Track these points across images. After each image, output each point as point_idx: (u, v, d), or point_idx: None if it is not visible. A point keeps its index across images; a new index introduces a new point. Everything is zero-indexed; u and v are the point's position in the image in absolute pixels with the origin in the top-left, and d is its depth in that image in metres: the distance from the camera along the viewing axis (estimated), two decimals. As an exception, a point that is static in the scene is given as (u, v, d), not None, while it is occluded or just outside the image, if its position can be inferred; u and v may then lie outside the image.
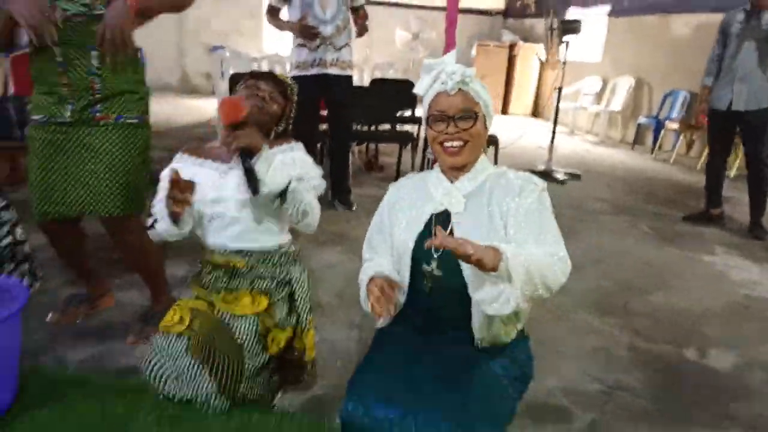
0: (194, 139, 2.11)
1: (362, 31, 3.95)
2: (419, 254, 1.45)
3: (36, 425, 1.51)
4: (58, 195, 2.02)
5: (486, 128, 1.47)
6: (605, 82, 8.45)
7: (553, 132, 5.67)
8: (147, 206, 2.07)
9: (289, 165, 1.68)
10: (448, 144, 1.44)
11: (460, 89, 1.43)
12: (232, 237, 1.73)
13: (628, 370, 2.23)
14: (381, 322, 1.51)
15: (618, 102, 8.02)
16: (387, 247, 1.56)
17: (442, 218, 1.46)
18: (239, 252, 1.73)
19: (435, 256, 1.43)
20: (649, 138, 7.48)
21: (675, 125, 6.78)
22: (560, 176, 5.39)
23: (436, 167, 1.55)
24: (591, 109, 8.41)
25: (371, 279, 1.44)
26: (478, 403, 1.34)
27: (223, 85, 6.46)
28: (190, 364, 1.56)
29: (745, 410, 2.04)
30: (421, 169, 4.89)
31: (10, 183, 3.81)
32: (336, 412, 1.44)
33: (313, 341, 1.83)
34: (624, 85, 8.02)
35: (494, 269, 1.22)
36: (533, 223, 1.38)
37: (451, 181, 1.49)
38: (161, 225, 1.64)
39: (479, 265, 1.20)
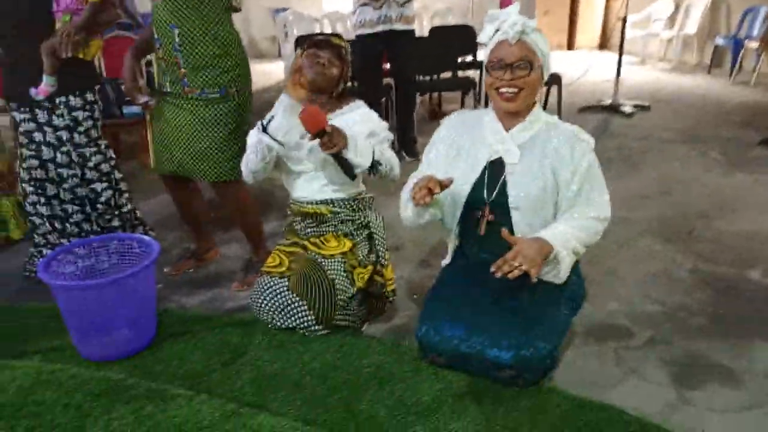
0: (264, 103, 2.35)
1: None
2: (473, 199, 1.65)
3: (174, 353, 1.87)
4: (166, 155, 2.36)
5: (542, 78, 1.61)
6: (677, 5, 8.01)
7: (619, 63, 5.54)
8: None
9: (359, 123, 1.90)
10: (504, 90, 1.59)
11: (520, 39, 1.56)
12: (316, 190, 2.00)
13: (688, 292, 2.36)
14: (413, 213, 1.70)
15: (693, 24, 7.61)
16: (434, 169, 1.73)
17: (497, 166, 1.64)
18: (323, 202, 1.99)
19: (487, 201, 1.63)
20: (728, 60, 7.09)
21: (755, 44, 6.41)
22: (627, 109, 5.31)
23: (491, 107, 1.72)
24: (663, 34, 8.03)
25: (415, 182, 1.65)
26: (534, 321, 1.56)
27: (289, 47, 6.70)
28: (291, 299, 1.87)
29: (806, 323, 2.13)
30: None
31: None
32: (414, 337, 1.70)
33: (392, 275, 2.10)
34: (699, 5, 7.58)
35: (546, 257, 1.49)
36: (584, 187, 1.58)
37: (507, 129, 1.65)
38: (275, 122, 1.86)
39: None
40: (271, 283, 1.92)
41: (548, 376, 1.68)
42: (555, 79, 4.83)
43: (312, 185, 1.99)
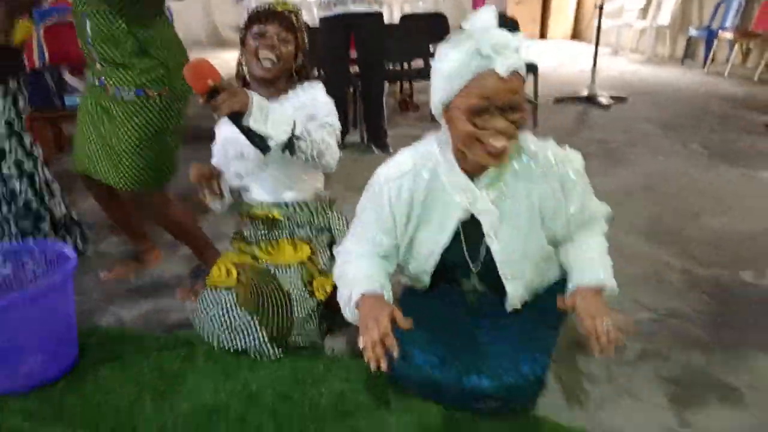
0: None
1: None
2: (448, 260, 1.37)
3: (97, 384, 1.58)
4: (86, 156, 2.07)
5: None
6: (650, -5, 7.91)
7: (595, 53, 5.38)
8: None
9: (298, 107, 1.65)
10: (492, 141, 1.16)
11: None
12: (265, 191, 1.74)
13: (680, 297, 2.17)
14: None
15: (665, 16, 7.51)
16: (386, 244, 1.40)
17: (471, 225, 1.33)
18: (274, 204, 1.74)
19: (474, 271, 1.38)
20: (701, 52, 7.02)
21: (729, 35, 6.33)
22: (604, 100, 5.15)
23: (438, 144, 1.31)
24: (636, 25, 7.92)
25: (363, 297, 1.30)
26: (517, 343, 1.33)
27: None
28: (240, 316, 1.61)
29: (808, 330, 1.96)
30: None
31: (57, 150, 3.93)
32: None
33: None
34: (671, -5, 7.49)
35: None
36: (583, 214, 1.35)
37: (471, 178, 1.29)
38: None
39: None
40: (217, 298, 1.65)
41: (535, 403, 1.46)
42: (531, 69, 4.63)
43: (260, 186, 1.72)
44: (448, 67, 1.14)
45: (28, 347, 1.50)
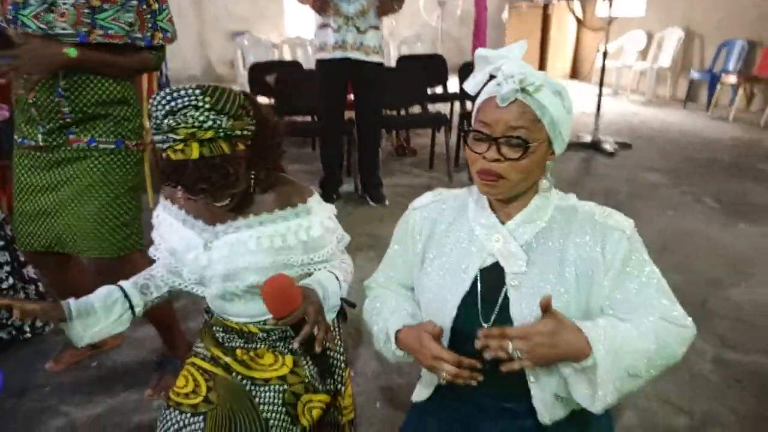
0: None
1: (385, 8, 3.53)
2: (463, 321, 1.09)
3: None
4: (35, 227, 1.78)
5: (547, 154, 1.05)
6: (650, 37, 7.83)
7: (599, 100, 5.21)
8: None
9: (303, 243, 1.34)
10: (480, 166, 1.04)
11: (516, 100, 1.00)
12: (234, 311, 1.43)
13: (717, 394, 1.91)
14: (392, 354, 1.19)
15: (666, 57, 7.41)
16: (411, 278, 1.25)
17: (493, 274, 1.08)
18: (250, 321, 1.44)
19: (487, 328, 1.10)
20: (703, 94, 6.90)
21: (732, 78, 6.20)
22: (609, 147, 4.94)
23: (475, 188, 1.14)
24: (636, 66, 7.81)
25: (398, 335, 1.14)
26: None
27: (244, 74, 6.19)
28: (208, 448, 1.32)
29: None
30: (456, 154, 4.53)
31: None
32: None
33: (351, 400, 1.55)
34: (672, 38, 7.40)
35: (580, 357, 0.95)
36: (626, 289, 1.04)
37: (502, 221, 1.10)
38: None
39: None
40: (180, 423, 1.36)
41: None
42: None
43: (226, 305, 1.43)
44: (468, 88, 1.09)
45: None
